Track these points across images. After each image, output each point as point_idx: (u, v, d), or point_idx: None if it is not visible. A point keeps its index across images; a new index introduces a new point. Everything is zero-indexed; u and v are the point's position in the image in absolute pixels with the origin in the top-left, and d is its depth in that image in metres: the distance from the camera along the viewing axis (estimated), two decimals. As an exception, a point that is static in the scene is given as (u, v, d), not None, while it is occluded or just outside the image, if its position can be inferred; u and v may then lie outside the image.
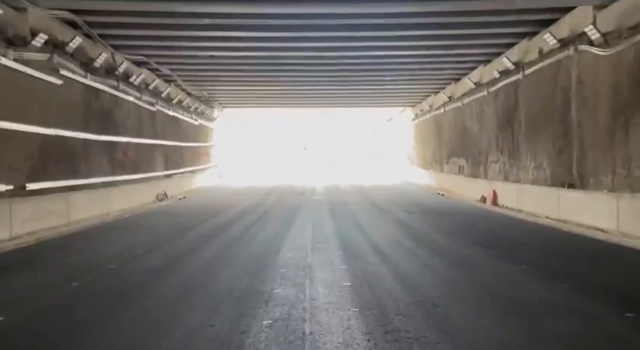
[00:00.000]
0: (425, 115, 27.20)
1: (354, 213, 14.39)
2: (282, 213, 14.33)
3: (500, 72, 15.86)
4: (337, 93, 25.67)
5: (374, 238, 9.78)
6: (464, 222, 12.64)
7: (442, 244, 9.16)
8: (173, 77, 19.87)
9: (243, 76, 20.71)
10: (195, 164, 26.07)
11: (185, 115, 24.28)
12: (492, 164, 17.24)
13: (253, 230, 11.12)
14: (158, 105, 19.93)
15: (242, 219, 13.09)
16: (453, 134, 22.21)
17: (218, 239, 9.92)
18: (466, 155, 20.30)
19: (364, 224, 11.98)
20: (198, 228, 11.66)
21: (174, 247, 9.04)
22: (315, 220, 12.73)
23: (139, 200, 16.94)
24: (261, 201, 18.13)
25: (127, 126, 16.80)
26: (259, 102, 30.04)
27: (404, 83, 22.76)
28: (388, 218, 13.51)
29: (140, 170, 17.90)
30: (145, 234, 10.80)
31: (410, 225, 11.91)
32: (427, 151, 27.37)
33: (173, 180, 21.79)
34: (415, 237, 9.96)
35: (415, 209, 15.54)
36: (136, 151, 17.58)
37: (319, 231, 10.84)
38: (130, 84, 16.78)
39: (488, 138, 17.56)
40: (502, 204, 15.82)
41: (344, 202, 17.71)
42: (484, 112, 17.98)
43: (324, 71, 19.47)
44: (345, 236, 10.04)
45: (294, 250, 8.48)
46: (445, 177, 23.39)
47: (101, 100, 14.74)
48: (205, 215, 14.28)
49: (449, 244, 9.21)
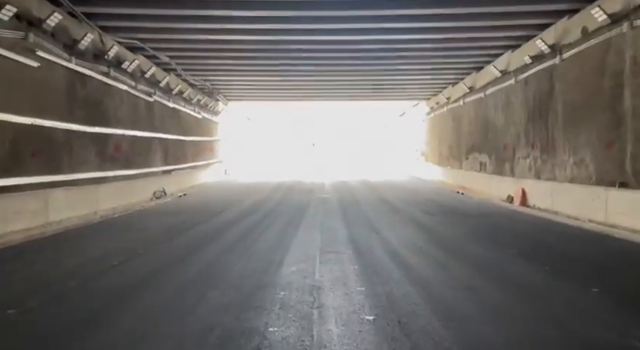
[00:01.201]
0: (441, 109, 25.53)
1: (367, 214, 12.88)
2: (288, 214, 12.86)
3: (532, 57, 14.19)
4: (349, 85, 24.07)
5: (394, 246, 8.27)
6: (495, 226, 11.06)
7: (478, 256, 7.61)
8: (172, 65, 18.42)
9: (248, 64, 19.20)
10: (197, 160, 24.66)
11: (186, 107, 22.86)
12: (520, 160, 15.60)
13: (254, 234, 9.66)
14: (155, 95, 18.51)
15: (243, 221, 11.64)
16: (474, 128, 20.55)
17: (212, 245, 8.46)
18: (489, 150, 18.65)
19: (379, 227, 10.46)
20: (191, 231, 10.23)
21: (157, 257, 7.60)
22: (324, 222, 11.24)
23: (133, 197, 15.56)
24: (266, 199, 16.67)
25: (120, 117, 15.39)
26: (265, 95, 28.54)
27: (420, 73, 21.09)
28: (405, 219, 11.98)
29: (135, 165, 16.51)
30: (129, 239, 9.38)
31: (433, 229, 10.37)
32: (443, 146, 25.72)
33: (173, 176, 20.40)
34: (442, 245, 8.42)
35: (434, 209, 13.99)
36: (130, 145, 16.18)
37: (329, 236, 9.35)
38: (123, 71, 15.35)
39: (516, 131, 15.91)
40: (532, 204, 14.20)
41: (355, 200, 16.19)
42: (511, 102, 16.32)
43: (335, 58, 17.92)
44: (359, 243, 8.53)
45: (300, 261, 6.99)
46: (464, 174, 21.75)
47: (89, 87, 13.31)
48: (203, 215, 12.86)
49: (487, 254, 7.66)
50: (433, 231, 10.23)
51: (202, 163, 25.55)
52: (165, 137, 19.79)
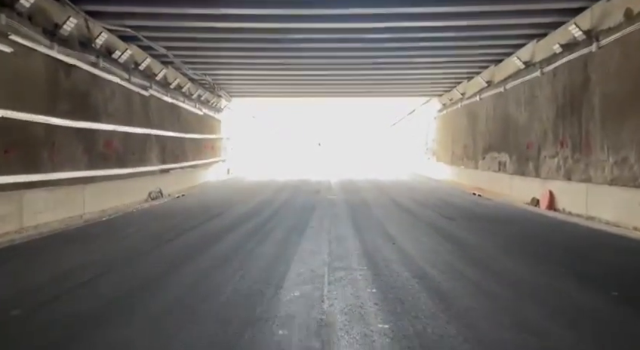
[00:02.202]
0: (455, 105, 24.15)
1: (379, 219, 11.60)
2: (292, 218, 11.61)
3: (562, 46, 12.82)
4: (357, 80, 22.74)
5: (415, 260, 6.99)
6: (526, 234, 9.74)
7: (523, 276, 6.28)
8: (169, 57, 17.19)
9: (251, 56, 17.94)
10: (198, 158, 23.46)
11: (186, 102, 21.65)
12: (547, 160, 14.23)
13: (251, 243, 8.41)
14: (152, 89, 17.31)
15: (241, 226, 10.39)
16: (492, 125, 19.19)
17: (201, 258, 7.22)
18: (510, 148, 17.29)
19: (395, 235, 9.18)
20: (181, 239, 9.01)
21: (133, 273, 6.36)
22: (332, 229, 9.96)
23: (125, 199, 14.39)
24: (269, 201, 15.42)
25: (111, 111, 14.19)
26: (269, 91, 27.27)
27: (433, 66, 19.74)
28: (423, 226, 10.69)
29: (128, 164, 15.32)
30: (109, 248, 8.17)
31: (456, 237, 9.06)
32: (457, 145, 24.34)
33: (171, 176, 19.21)
34: (472, 259, 7.13)
35: (453, 213, 12.68)
36: (123, 142, 14.99)
37: (338, 246, 8.07)
38: (114, 62, 14.14)
39: (542, 128, 14.55)
40: (561, 208, 12.86)
41: (365, 203, 14.90)
42: (536, 97, 14.95)
43: (343, 50, 16.62)
44: (374, 255, 7.25)
45: (304, 281, 5.73)
46: (480, 175, 20.39)
47: (74, 78, 12.12)
48: (199, 218, 11.65)
49: (533, 274, 6.32)
50: (457, 239, 8.93)
51: (203, 162, 24.36)
52: (163, 134, 18.60)
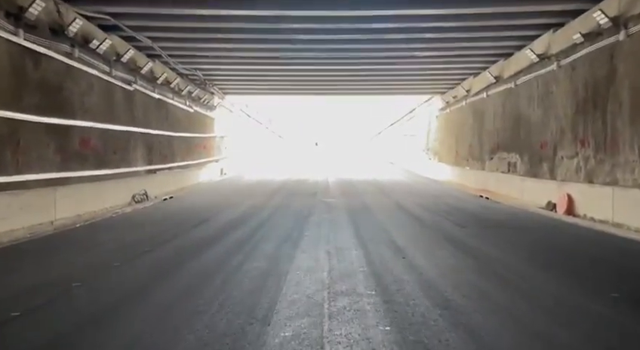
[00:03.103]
0: (459, 103, 23.01)
1: (383, 225, 10.43)
2: (286, 225, 10.42)
3: (584, 35, 11.68)
4: (355, 76, 21.55)
5: (434, 281, 5.81)
6: (553, 246, 8.57)
7: (567, 303, 5.11)
8: (155, 50, 15.96)
9: (244, 49, 16.77)
10: (189, 158, 22.23)
11: (175, 99, 20.42)
12: (564, 160, 13.09)
13: (237, 257, 7.21)
14: (136, 84, 16.08)
15: (229, 235, 9.19)
16: (501, 124, 18.05)
17: (175, 277, 6.03)
18: (521, 148, 16.14)
19: (404, 247, 8.00)
20: (158, 251, 7.81)
21: (86, 302, 5.14)
22: (331, 238, 8.77)
23: (106, 202, 13.16)
24: (262, 205, 14.22)
25: (89, 106, 12.96)
26: (265, 88, 26.09)
27: (437, 61, 18.59)
28: (434, 235, 9.53)
29: (109, 164, 14.09)
30: (69, 263, 6.96)
31: (475, 250, 7.89)
32: (461, 145, 23.20)
33: (158, 177, 17.98)
34: (502, 281, 5.96)
35: (463, 219, 11.53)
36: (102, 140, 13.76)
37: (339, 261, 6.88)
38: (92, 53, 12.91)
39: (558, 126, 13.41)
40: (582, 213, 11.71)
41: (366, 207, 13.71)
42: (552, 92, 13.81)
43: (342, 42, 15.44)
44: (384, 276, 6.06)
45: (297, 314, 4.54)
46: (487, 176, 19.24)
47: (45, 69, 10.89)
48: (183, 225, 10.46)
49: (579, 303, 5.13)
50: (474, 252, 7.76)
51: (194, 162, 23.12)
52: (149, 132, 17.38)
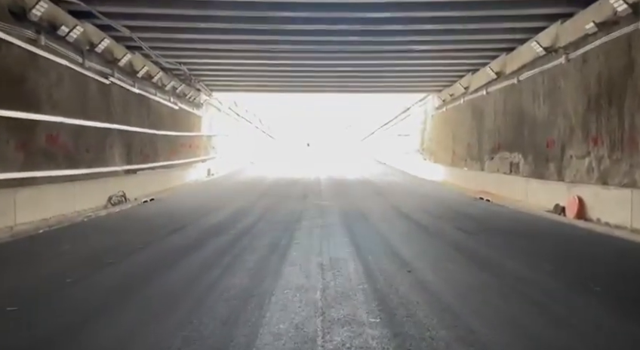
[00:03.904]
0: (456, 101, 22.10)
1: (382, 232, 9.44)
2: (273, 232, 9.36)
3: (598, 25, 10.77)
4: (349, 72, 20.54)
5: (452, 305, 4.80)
6: (576, 256, 7.60)
7: (631, 340, 4.14)
8: (134, 40, 14.80)
9: (230, 41, 15.67)
10: (173, 158, 21.06)
11: (159, 95, 19.26)
12: (573, 160, 12.18)
13: (214, 272, 6.15)
14: (114, 77, 14.92)
15: (208, 244, 8.12)
16: (502, 122, 17.14)
17: (136, 298, 4.96)
18: (524, 148, 15.23)
19: (409, 258, 6.99)
20: (124, 263, 6.74)
21: (13, 337, 4.06)
22: (324, 248, 7.73)
23: (78, 204, 12.02)
24: (248, 208, 13.14)
25: (58, 100, 11.80)
26: (254, 85, 24.96)
27: (435, 56, 17.63)
28: (439, 243, 8.56)
29: (82, 164, 12.93)
30: (11, 280, 5.84)
31: (490, 262, 6.91)
32: (459, 144, 22.28)
33: (139, 177, 16.81)
34: (534, 304, 4.97)
35: (469, 224, 10.57)
36: (74, 137, 12.60)
37: (335, 279, 5.83)
38: (61, 41, 11.75)
39: (566, 123, 12.50)
40: (595, 217, 10.79)
41: (361, 211, 12.69)
42: (559, 88, 12.91)
43: (335, 33, 14.45)
44: (389, 297, 5.04)
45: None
46: (486, 177, 18.32)
47: (3, 56, 9.73)
48: (158, 232, 9.38)
49: (632, 332, 4.18)
50: (489, 264, 6.77)
51: (179, 162, 21.95)
52: (128, 130, 16.22)
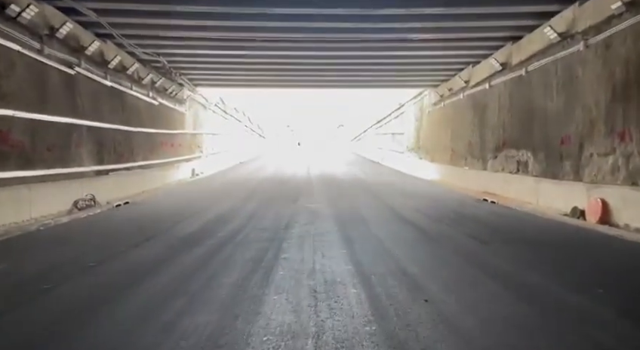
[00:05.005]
0: (456, 96, 20.82)
1: (385, 244, 8.07)
2: (258, 244, 7.93)
3: (626, 4, 9.47)
4: (341, 64, 19.15)
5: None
6: (627, 274, 6.28)
7: None
8: (104, 26, 13.26)
9: (213, 28, 14.17)
10: (152, 157, 19.52)
11: (135, 89, 17.71)
12: (595, 158, 10.91)
13: (175, 306, 4.72)
14: (80, 67, 13.37)
15: (175, 261, 6.68)
16: (508, 117, 15.85)
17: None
18: (534, 145, 13.95)
19: (423, 281, 5.62)
20: (62, 289, 5.32)
21: None
22: (318, 267, 6.31)
23: (34, 211, 10.53)
24: (231, 213, 11.70)
25: (8, 91, 10.26)
26: (240, 79, 23.41)
27: (434, 47, 16.27)
28: (454, 257, 7.20)
29: (40, 164, 11.40)
30: None
31: (526, 286, 5.56)
32: (458, 142, 21.00)
33: (112, 179, 15.27)
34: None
35: (481, 232, 9.27)
36: (30, 134, 11.06)
37: (333, 314, 4.42)
38: (12, 23, 10.21)
39: (586, 117, 11.23)
40: (623, 223, 9.53)
41: (358, 215, 11.33)
42: (577, 77, 11.64)
43: (329, 18, 13.04)
44: (408, 346, 3.66)
45: None
46: (490, 177, 17.05)
47: None
48: (122, 243, 7.98)
49: None
50: (526, 290, 5.41)
51: (159, 161, 20.41)
52: (99, 126, 14.68)
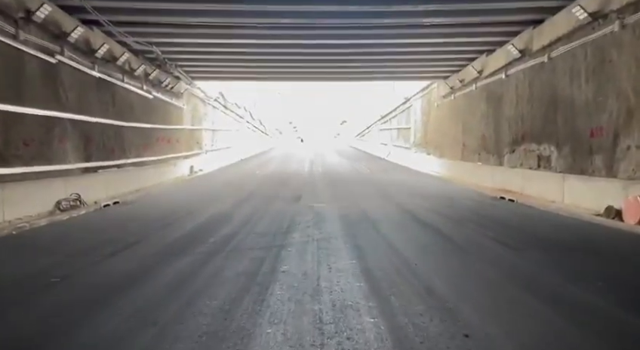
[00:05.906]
0: (468, 87, 19.63)
1: (402, 253, 6.98)
2: (253, 252, 6.87)
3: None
4: (347, 55, 17.96)
5: None
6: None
7: None
8: (87, 10, 12.14)
9: (208, 12, 13.07)
10: (147, 154, 18.45)
11: (127, 81, 16.61)
12: (633, 151, 9.75)
13: (143, 336, 3.63)
14: (63, 55, 12.28)
15: (157, 275, 5.62)
16: (528, 108, 14.66)
17: None
18: (559, 138, 12.78)
19: (455, 305, 4.52)
20: (11, 316, 4.18)
21: None
22: (324, 284, 5.20)
23: (7, 213, 9.48)
24: (227, 215, 10.60)
25: (-23, 80, 9.22)
26: (240, 72, 22.31)
27: (447, 34, 15.06)
28: (485, 269, 6.10)
29: (16, 161, 10.32)
30: None
31: (580, 307, 4.47)
32: (470, 136, 19.82)
33: (101, 176, 14.22)
34: None
35: (509, 236, 8.18)
36: (3, 128, 9.99)
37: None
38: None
39: (623, 106, 10.06)
40: (669, 225, 8.39)
41: (367, 217, 10.21)
42: (610, 62, 10.46)
43: (329, 1, 11.91)
44: None
45: None
46: (506, 173, 15.88)
47: None
48: (99, 250, 7.00)
49: None
50: (591, 317, 4.30)
51: (154, 158, 19.32)
52: (86, 120, 13.61)
